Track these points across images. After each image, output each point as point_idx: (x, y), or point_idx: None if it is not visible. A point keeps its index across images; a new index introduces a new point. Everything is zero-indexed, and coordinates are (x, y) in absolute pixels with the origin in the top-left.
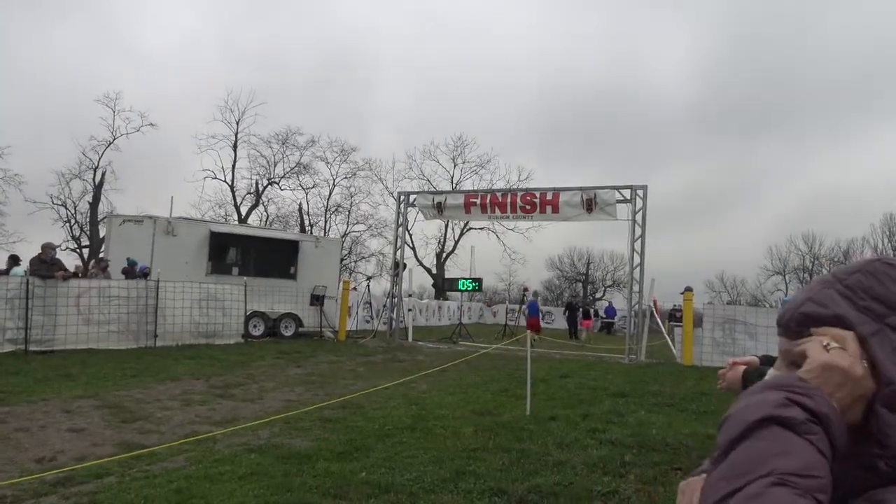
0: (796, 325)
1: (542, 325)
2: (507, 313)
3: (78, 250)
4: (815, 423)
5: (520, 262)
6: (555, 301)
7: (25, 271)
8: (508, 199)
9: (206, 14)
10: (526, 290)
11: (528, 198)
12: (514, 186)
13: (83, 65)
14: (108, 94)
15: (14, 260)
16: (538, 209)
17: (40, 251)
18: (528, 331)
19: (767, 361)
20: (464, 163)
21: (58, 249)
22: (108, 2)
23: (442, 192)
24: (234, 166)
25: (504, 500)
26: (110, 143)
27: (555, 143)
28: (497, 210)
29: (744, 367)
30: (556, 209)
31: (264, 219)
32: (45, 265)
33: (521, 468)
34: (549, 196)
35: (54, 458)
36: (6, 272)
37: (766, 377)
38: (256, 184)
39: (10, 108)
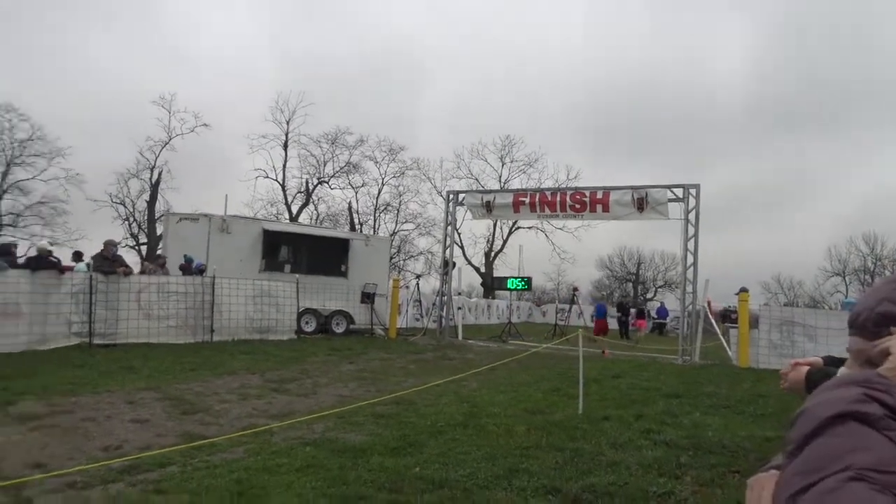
0: (874, 325)
1: (593, 324)
2: (556, 313)
3: (136, 247)
4: (893, 419)
5: (569, 262)
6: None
7: (88, 266)
8: (558, 198)
9: (255, 16)
10: (576, 289)
11: (578, 197)
12: (563, 185)
13: (140, 68)
14: (164, 95)
15: (78, 256)
16: (588, 208)
17: (102, 248)
18: (595, 335)
19: (832, 362)
20: (511, 162)
21: (118, 246)
22: (158, 8)
23: (490, 191)
24: (284, 165)
25: (558, 499)
26: (166, 144)
27: (604, 143)
28: (546, 209)
29: (807, 368)
30: (606, 208)
31: (315, 217)
32: (107, 261)
33: (575, 467)
34: (600, 195)
35: (120, 447)
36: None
37: (838, 376)
38: (307, 182)
39: (71, 111)
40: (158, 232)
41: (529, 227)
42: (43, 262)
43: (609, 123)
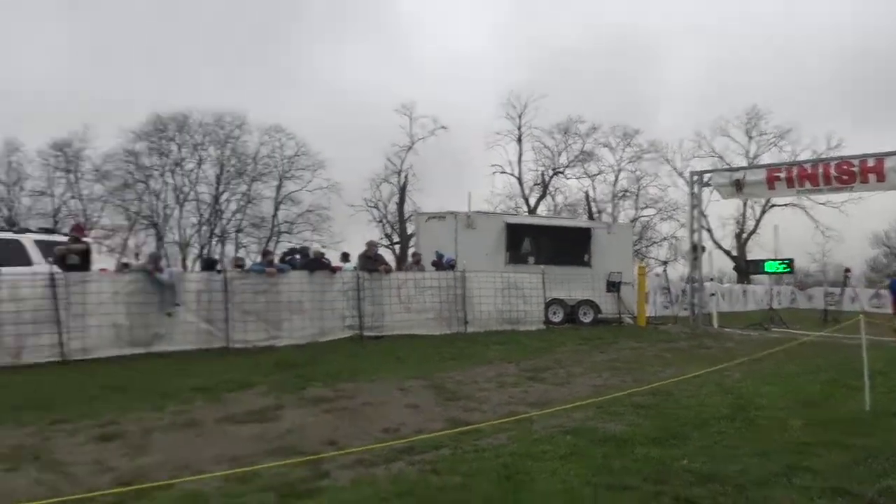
0: None
1: (870, 309)
2: (825, 297)
3: (390, 246)
4: None
5: (835, 240)
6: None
7: (355, 267)
8: (820, 171)
9: (483, 14)
10: (848, 270)
11: (845, 167)
12: (824, 155)
13: (384, 78)
14: (406, 103)
15: (345, 257)
16: (858, 179)
17: (366, 248)
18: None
19: None
20: (760, 135)
21: (379, 246)
22: (396, 20)
23: (740, 168)
24: (519, 159)
25: (847, 501)
26: (409, 148)
27: (871, 105)
28: (806, 183)
29: None
30: (881, 177)
31: (552, 208)
32: (371, 260)
33: (868, 468)
34: (872, 163)
35: (397, 430)
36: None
37: None
38: (542, 175)
39: (329, 125)
40: (408, 231)
41: (785, 205)
42: (318, 263)
43: (876, 81)
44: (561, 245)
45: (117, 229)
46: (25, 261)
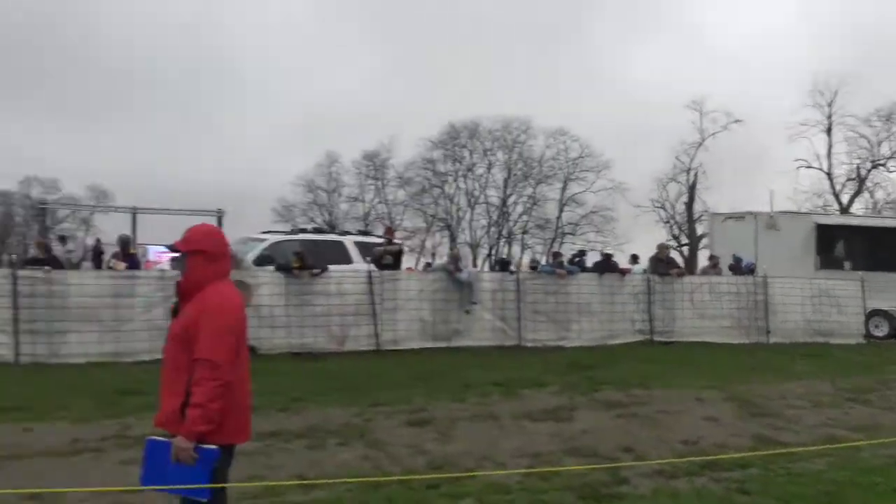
0: None
1: None
2: None
3: (678, 248)
4: None
5: None
6: None
7: (644, 269)
8: None
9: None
10: None
11: None
12: None
13: (674, 75)
14: (696, 98)
15: (634, 259)
16: None
17: (657, 250)
18: None
19: None
20: None
21: (671, 248)
22: (692, 13)
23: None
24: (829, 152)
25: None
26: (700, 145)
27: None
28: None
29: None
30: None
31: (870, 206)
32: (662, 263)
33: None
34: None
35: (697, 443)
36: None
37: None
38: (857, 168)
39: (614, 125)
40: (698, 232)
41: None
42: (607, 265)
43: None
44: (884, 248)
45: (417, 231)
46: (346, 260)
